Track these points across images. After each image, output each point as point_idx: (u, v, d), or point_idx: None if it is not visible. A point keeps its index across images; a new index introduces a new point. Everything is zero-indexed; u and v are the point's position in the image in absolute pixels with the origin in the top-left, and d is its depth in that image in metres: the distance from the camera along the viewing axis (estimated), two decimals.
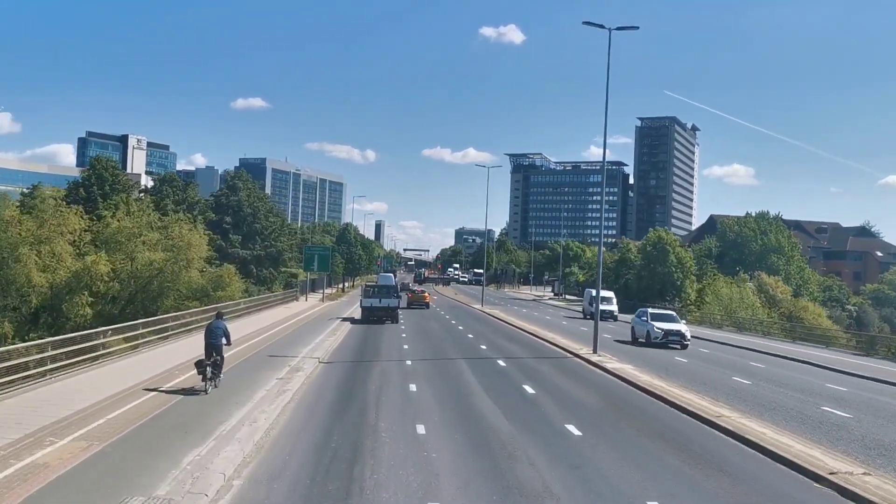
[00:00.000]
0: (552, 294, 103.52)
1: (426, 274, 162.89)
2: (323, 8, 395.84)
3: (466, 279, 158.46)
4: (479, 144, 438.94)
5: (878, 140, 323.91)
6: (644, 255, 73.84)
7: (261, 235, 56.32)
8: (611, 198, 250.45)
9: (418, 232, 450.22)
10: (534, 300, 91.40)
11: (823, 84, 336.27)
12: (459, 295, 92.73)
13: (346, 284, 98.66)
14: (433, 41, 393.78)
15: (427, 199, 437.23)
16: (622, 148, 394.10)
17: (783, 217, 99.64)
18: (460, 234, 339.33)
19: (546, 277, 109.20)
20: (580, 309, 62.65)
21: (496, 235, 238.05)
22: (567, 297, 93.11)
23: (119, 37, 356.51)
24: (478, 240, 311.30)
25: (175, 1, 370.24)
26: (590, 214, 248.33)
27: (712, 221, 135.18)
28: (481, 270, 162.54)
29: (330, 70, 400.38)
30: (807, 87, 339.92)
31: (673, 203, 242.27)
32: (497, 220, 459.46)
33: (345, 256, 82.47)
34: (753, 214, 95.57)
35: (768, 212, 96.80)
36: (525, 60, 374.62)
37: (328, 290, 75.98)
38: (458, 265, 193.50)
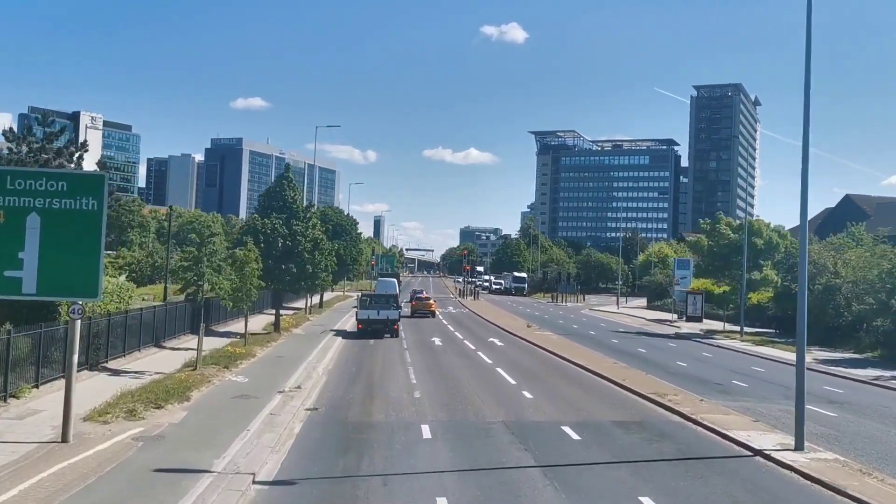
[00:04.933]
0: (681, 318, 57.08)
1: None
2: (323, 7, 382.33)
3: (501, 286, 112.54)
4: (480, 144, 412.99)
5: (881, 140, 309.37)
6: None
7: None
8: (661, 184, 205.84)
9: (419, 233, 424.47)
10: (706, 341, 43.56)
11: (824, 83, 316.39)
12: (537, 330, 44.81)
13: (299, 309, 51.52)
14: (434, 40, 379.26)
15: (428, 199, 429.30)
16: (672, 118, 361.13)
17: None
18: (467, 233, 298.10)
19: (676, 286, 59.86)
20: None
21: (511, 234, 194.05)
22: (747, 329, 43.79)
23: (118, 37, 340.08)
24: (492, 237, 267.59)
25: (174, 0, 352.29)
26: (635, 205, 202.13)
27: (848, 202, 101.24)
28: (523, 274, 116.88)
29: (330, 70, 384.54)
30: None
31: (738, 191, 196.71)
32: (509, 216, 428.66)
33: (282, 249, 34.02)
34: None
35: None
36: (527, 58, 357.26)
37: (227, 335, 29.12)
38: (481, 268, 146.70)
